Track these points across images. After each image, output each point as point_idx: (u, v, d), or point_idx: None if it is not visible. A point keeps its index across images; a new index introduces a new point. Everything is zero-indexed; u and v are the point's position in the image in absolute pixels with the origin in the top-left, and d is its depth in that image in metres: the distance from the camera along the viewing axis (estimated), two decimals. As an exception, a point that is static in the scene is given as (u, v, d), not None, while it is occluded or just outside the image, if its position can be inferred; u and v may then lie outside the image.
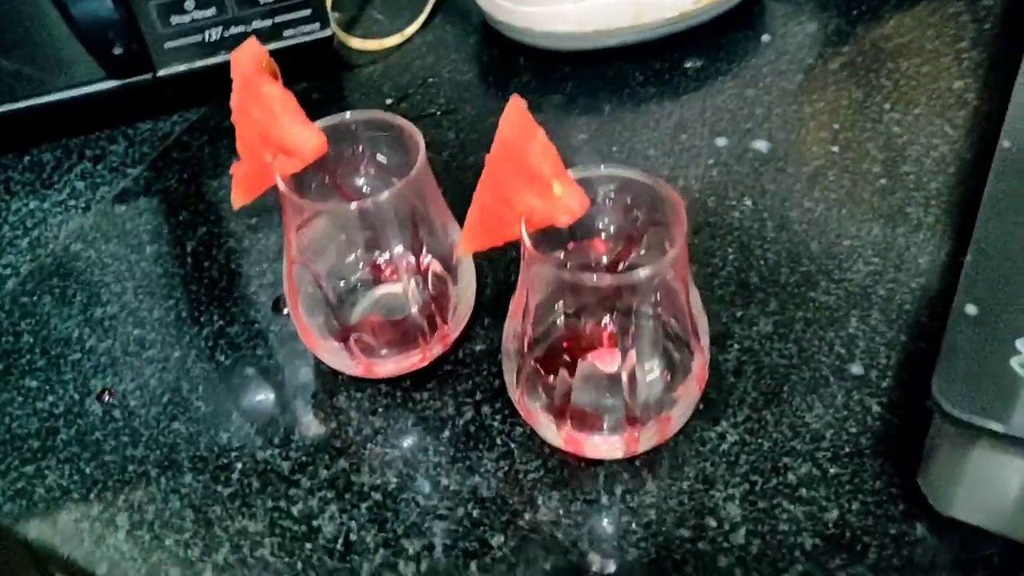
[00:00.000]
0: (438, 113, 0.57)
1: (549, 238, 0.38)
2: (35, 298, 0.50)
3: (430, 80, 0.60)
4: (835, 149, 0.52)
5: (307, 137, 0.39)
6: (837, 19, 0.60)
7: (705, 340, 0.39)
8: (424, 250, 0.43)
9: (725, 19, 0.60)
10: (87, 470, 0.43)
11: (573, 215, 0.35)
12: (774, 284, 0.46)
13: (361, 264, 0.44)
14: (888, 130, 0.53)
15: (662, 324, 0.38)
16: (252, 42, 0.39)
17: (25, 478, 0.43)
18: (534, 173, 0.34)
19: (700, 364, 0.38)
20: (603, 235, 0.39)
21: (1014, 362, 0.31)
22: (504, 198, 0.36)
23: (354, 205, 0.39)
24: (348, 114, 0.41)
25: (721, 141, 0.53)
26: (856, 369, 0.42)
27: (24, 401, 0.46)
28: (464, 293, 0.45)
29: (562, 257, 0.40)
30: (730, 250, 0.48)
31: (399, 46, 0.63)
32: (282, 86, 0.39)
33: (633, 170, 0.37)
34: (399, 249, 0.43)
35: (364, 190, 0.44)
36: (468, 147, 0.55)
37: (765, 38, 0.60)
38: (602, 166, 0.37)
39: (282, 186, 0.39)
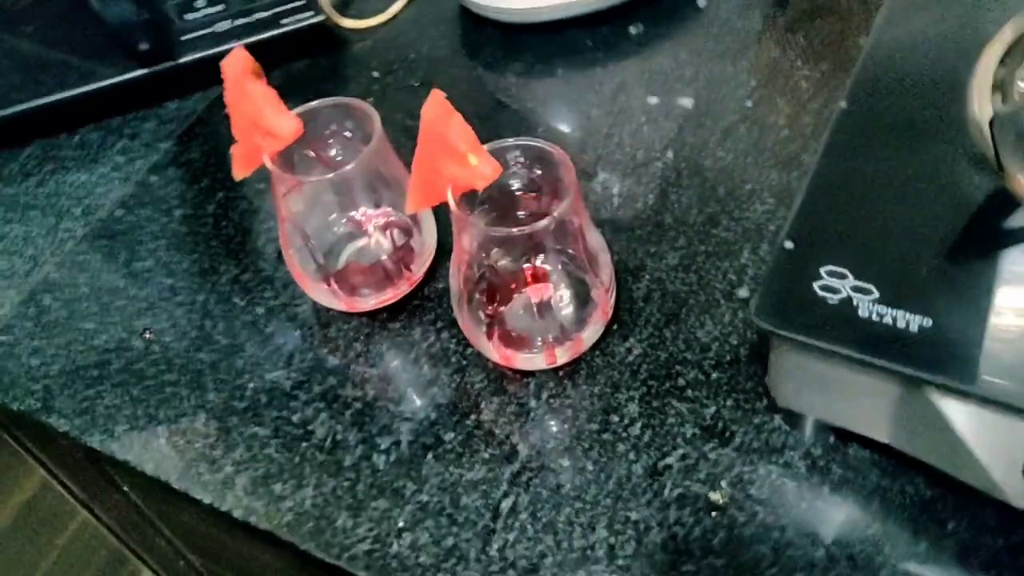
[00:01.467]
0: (417, 84, 0.67)
1: (476, 197, 0.48)
2: (88, 256, 0.62)
3: (411, 56, 0.69)
4: (749, 104, 0.60)
5: (286, 123, 0.49)
6: (766, -18, 0.68)
7: (606, 274, 0.48)
8: (387, 207, 0.53)
9: (665, -14, 0.68)
10: (134, 392, 0.54)
11: (488, 180, 0.44)
12: (683, 223, 0.55)
13: (343, 220, 0.55)
14: (797, 85, 0.61)
15: (571, 262, 0.48)
16: (239, 51, 0.49)
17: (88, 399, 0.54)
18: (453, 148, 0.44)
19: (600, 294, 0.48)
20: (517, 191, 0.49)
21: (816, 285, 0.40)
22: (434, 168, 0.45)
23: (329, 175, 0.49)
24: (317, 101, 0.51)
25: (653, 100, 0.62)
26: (743, 293, 0.51)
27: (84, 340, 0.57)
28: (427, 240, 0.55)
29: (488, 211, 0.49)
30: (651, 196, 0.57)
31: (385, 23, 0.72)
32: (264, 83, 0.49)
33: (535, 140, 0.46)
34: (367, 207, 0.53)
35: (337, 158, 0.54)
36: (440, 114, 0.64)
37: (701, 3, 0.68)
38: (511, 140, 0.47)
39: (268, 164, 0.49)
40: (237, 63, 0.48)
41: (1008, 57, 0.46)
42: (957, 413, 0.38)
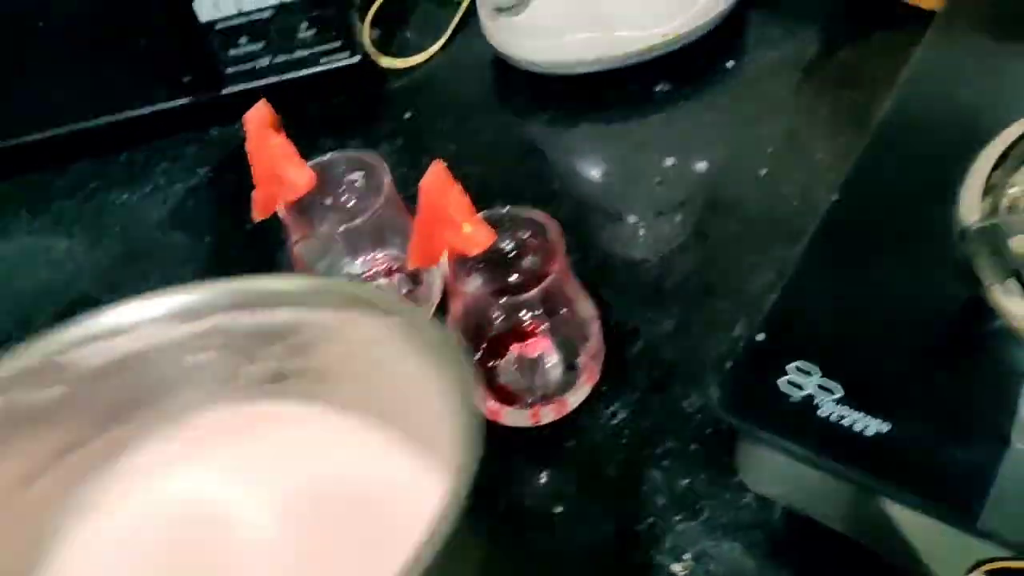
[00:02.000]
0: (445, 129, 0.69)
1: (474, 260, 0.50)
2: (122, 275, 0.65)
3: (443, 99, 0.72)
4: (763, 173, 0.61)
5: (301, 175, 0.51)
6: (797, 48, 0.68)
7: (594, 342, 0.50)
8: (395, 252, 0.56)
9: (697, 44, 0.68)
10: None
11: (481, 247, 0.46)
12: (683, 290, 0.56)
13: (352, 265, 0.57)
14: (812, 158, 0.61)
15: (561, 326, 0.50)
16: (261, 104, 0.51)
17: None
18: (450, 218, 0.46)
19: (586, 361, 0.50)
20: (511, 255, 0.51)
21: (781, 380, 0.41)
22: (431, 233, 0.48)
23: (339, 228, 0.52)
24: (332, 153, 0.54)
25: (669, 161, 0.63)
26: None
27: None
28: (434, 284, 0.57)
29: (483, 271, 0.51)
30: (653, 260, 0.58)
31: (422, 64, 0.74)
32: (284, 135, 0.52)
33: (529, 210, 0.48)
34: (376, 253, 0.56)
35: (349, 204, 0.56)
36: (462, 160, 0.66)
37: (730, 64, 0.68)
38: (506, 208, 0.49)
39: (281, 213, 0.52)
40: (259, 116, 0.51)
41: (1003, 161, 0.47)
42: (906, 517, 0.39)
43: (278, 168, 0.51)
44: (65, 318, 0.53)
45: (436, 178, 0.46)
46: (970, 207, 0.45)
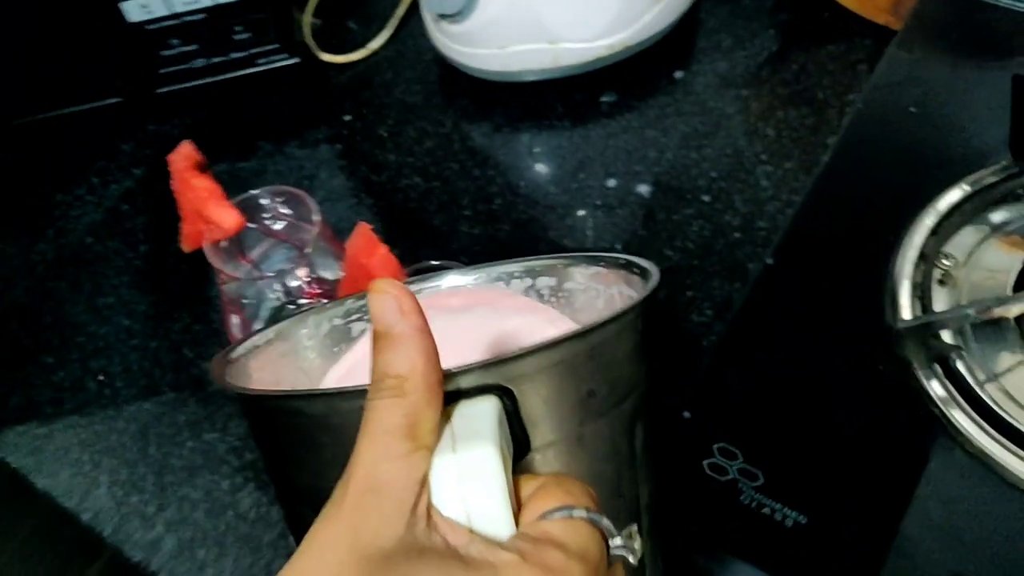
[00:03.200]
0: (385, 135, 0.67)
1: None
2: (56, 284, 0.64)
3: (385, 100, 0.69)
4: (707, 199, 0.60)
5: (228, 217, 0.50)
6: (747, 59, 0.67)
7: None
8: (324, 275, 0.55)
9: (645, 53, 0.67)
10: (83, 436, 0.57)
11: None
12: (618, 327, 0.56)
13: (279, 290, 0.56)
14: (757, 183, 0.60)
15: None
16: (184, 146, 0.50)
17: (40, 438, 0.57)
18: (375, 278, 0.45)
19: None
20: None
21: (705, 463, 0.42)
22: (359, 290, 0.47)
23: (269, 273, 0.51)
24: (258, 191, 0.53)
25: (612, 182, 0.62)
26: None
27: (42, 374, 0.60)
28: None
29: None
30: (591, 291, 0.58)
31: (364, 59, 0.72)
32: (209, 176, 0.50)
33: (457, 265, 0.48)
34: (303, 281, 0.55)
35: (276, 227, 0.55)
36: (403, 170, 0.65)
37: (678, 75, 0.67)
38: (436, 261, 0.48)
39: (209, 257, 0.51)
40: (182, 158, 0.50)
41: (940, 228, 0.47)
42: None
43: (204, 210, 0.50)
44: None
45: (362, 239, 0.45)
46: (902, 273, 0.45)
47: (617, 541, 0.27)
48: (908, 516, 0.40)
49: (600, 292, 0.43)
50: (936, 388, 0.42)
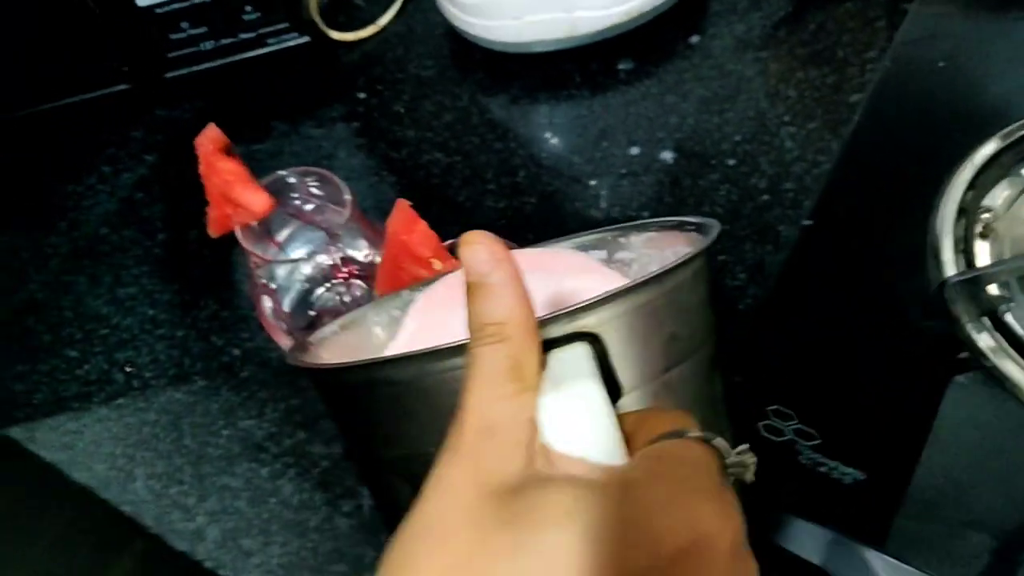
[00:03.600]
0: (402, 111, 0.66)
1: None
2: (73, 277, 0.63)
3: (398, 76, 0.68)
4: (732, 163, 0.60)
5: (257, 200, 0.49)
6: (763, 20, 0.66)
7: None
8: (357, 256, 0.54)
9: (661, 19, 0.66)
10: (114, 429, 0.56)
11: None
12: (653, 295, 0.56)
13: (312, 267, 0.56)
14: (781, 144, 0.60)
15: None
16: (210, 128, 0.49)
17: (71, 433, 0.57)
18: (417, 255, 0.45)
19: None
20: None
21: (761, 425, 0.42)
22: (400, 267, 0.46)
23: (303, 255, 0.51)
24: (286, 171, 0.52)
25: (634, 150, 0.62)
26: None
27: (67, 368, 0.59)
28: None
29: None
30: (622, 261, 0.57)
31: (374, 35, 0.71)
32: (236, 159, 0.49)
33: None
34: (336, 259, 0.54)
35: (306, 208, 0.54)
36: (423, 145, 0.64)
37: (694, 39, 0.66)
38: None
39: (240, 240, 0.50)
40: (208, 141, 0.49)
41: (976, 182, 0.46)
42: (877, 561, 0.40)
43: (232, 193, 0.49)
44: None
45: (402, 215, 0.44)
46: (944, 231, 0.45)
47: (733, 458, 0.27)
48: (962, 468, 0.40)
49: (653, 257, 0.43)
50: (986, 340, 0.42)
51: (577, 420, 0.27)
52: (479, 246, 0.27)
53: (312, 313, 0.55)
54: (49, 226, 0.66)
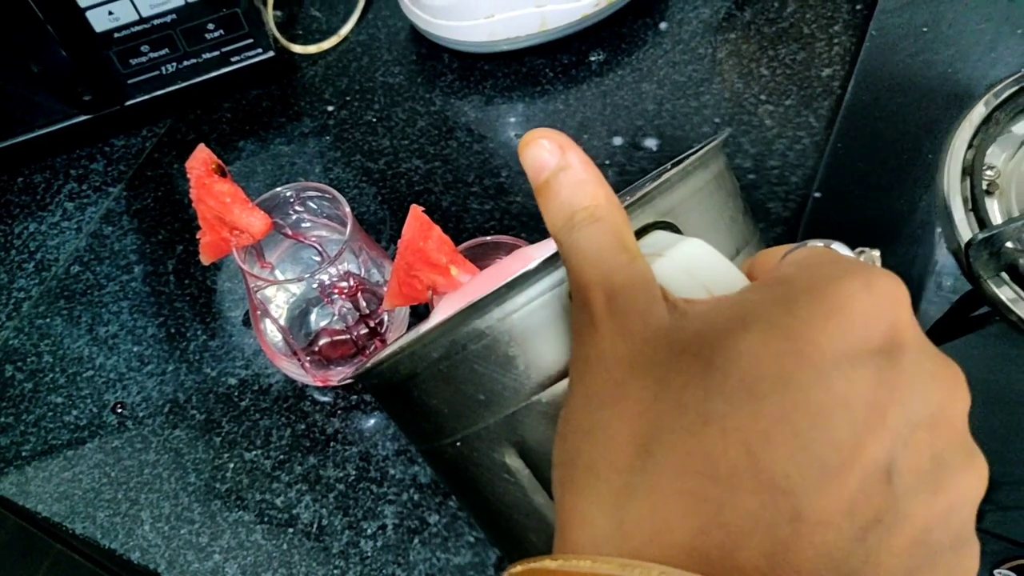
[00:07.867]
0: (374, 120, 0.65)
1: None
2: (48, 320, 0.60)
3: (366, 85, 0.67)
4: (714, 145, 0.60)
5: (255, 221, 0.47)
6: (728, 2, 0.67)
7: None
8: (357, 273, 0.53)
9: (627, 8, 0.66)
10: (112, 474, 0.54)
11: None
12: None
13: (312, 286, 0.54)
14: (761, 123, 0.60)
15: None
16: (201, 149, 0.47)
17: (66, 483, 0.54)
18: (433, 262, 0.44)
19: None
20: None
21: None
22: (414, 275, 0.45)
23: (304, 276, 0.49)
24: (281, 187, 0.50)
25: (617, 140, 0.61)
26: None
27: (54, 415, 0.56)
28: (398, 310, 0.54)
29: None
30: (620, 253, 0.57)
31: (336, 46, 0.69)
32: (229, 180, 0.48)
33: (511, 238, 0.46)
34: (336, 277, 0.52)
35: (302, 225, 0.53)
36: (401, 154, 0.63)
37: (663, 26, 0.66)
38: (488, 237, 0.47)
39: (239, 263, 0.48)
40: (200, 163, 0.47)
41: (976, 139, 0.47)
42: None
43: (230, 216, 0.47)
44: None
45: (415, 222, 0.43)
46: (953, 192, 0.45)
47: (860, 257, 0.27)
48: (989, 421, 0.40)
49: None
50: (1008, 294, 0.43)
51: (696, 270, 0.26)
52: (540, 141, 0.26)
53: (312, 331, 0.54)
54: (16, 269, 0.63)
